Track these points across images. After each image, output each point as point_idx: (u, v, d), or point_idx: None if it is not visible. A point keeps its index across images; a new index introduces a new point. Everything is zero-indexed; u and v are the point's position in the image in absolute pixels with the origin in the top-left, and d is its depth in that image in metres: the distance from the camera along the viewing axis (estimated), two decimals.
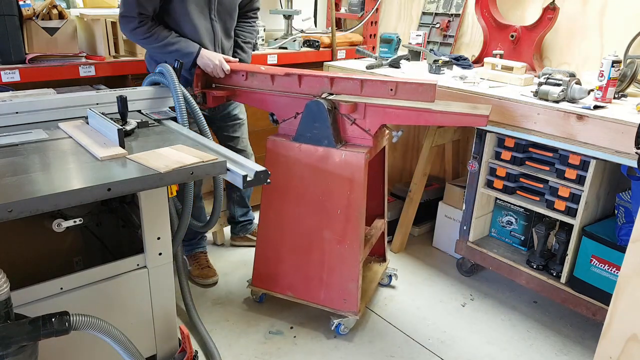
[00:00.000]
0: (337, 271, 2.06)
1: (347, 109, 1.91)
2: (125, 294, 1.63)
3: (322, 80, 1.94)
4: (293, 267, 2.15)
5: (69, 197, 1.13)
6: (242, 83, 2.09)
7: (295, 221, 2.08)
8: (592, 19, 2.37)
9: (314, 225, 2.05)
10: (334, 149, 1.92)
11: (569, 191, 2.09)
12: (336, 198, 1.97)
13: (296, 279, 2.16)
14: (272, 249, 2.17)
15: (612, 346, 1.53)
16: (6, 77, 2.13)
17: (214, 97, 2.11)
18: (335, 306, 2.11)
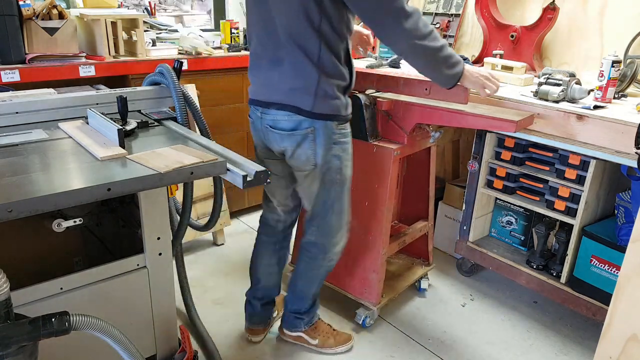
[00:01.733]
0: (360, 261, 2.15)
1: (385, 105, 1.99)
2: (125, 294, 1.63)
3: (366, 77, 2.04)
4: None
5: (69, 197, 1.13)
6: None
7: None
8: (592, 19, 2.37)
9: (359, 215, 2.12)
10: (367, 143, 2.01)
11: (569, 191, 2.09)
12: (364, 190, 2.05)
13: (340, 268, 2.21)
14: None
15: (612, 346, 1.53)
16: (6, 77, 2.13)
17: None
18: (357, 294, 2.19)
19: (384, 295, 2.20)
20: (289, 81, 1.63)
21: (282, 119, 1.67)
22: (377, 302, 2.15)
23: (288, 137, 1.68)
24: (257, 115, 1.74)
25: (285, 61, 1.62)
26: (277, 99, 1.66)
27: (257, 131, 1.79)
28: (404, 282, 2.36)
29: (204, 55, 2.67)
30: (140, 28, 2.49)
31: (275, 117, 1.68)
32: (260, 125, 1.74)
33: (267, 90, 1.69)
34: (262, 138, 1.78)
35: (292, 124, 1.66)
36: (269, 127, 1.71)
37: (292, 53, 1.60)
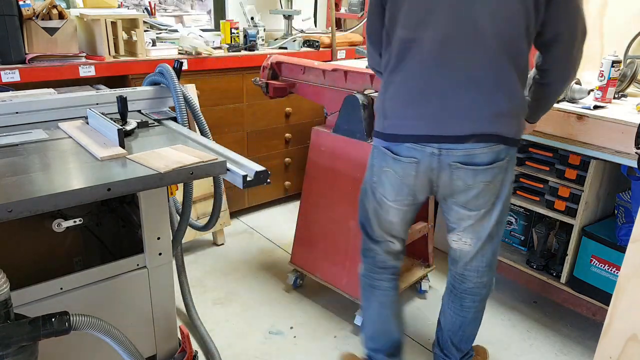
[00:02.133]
0: (357, 260, 2.07)
1: None
2: (125, 294, 1.63)
3: (364, 77, 2.01)
4: (323, 250, 2.26)
5: (69, 197, 1.13)
6: (300, 77, 2.19)
7: (329, 208, 2.19)
8: (592, 19, 2.37)
9: (343, 213, 2.13)
10: (365, 143, 1.99)
11: (569, 191, 2.09)
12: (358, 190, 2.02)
13: (325, 262, 2.26)
14: (308, 232, 2.31)
15: (612, 346, 1.53)
16: (6, 77, 2.13)
17: (275, 88, 2.22)
18: (354, 294, 2.16)
19: None
20: (493, 105, 1.34)
21: (480, 152, 1.37)
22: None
23: (483, 172, 1.40)
24: (429, 153, 1.40)
25: (488, 80, 1.33)
26: (474, 129, 1.35)
27: (421, 174, 1.45)
28: (402, 284, 2.33)
29: (204, 55, 2.68)
30: (140, 28, 2.49)
31: (471, 151, 1.37)
32: (436, 164, 1.41)
33: (455, 121, 1.35)
34: (426, 180, 1.47)
35: (492, 156, 1.38)
36: (457, 165, 1.39)
37: (501, 68, 1.32)
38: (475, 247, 1.57)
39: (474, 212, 1.49)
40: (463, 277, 1.67)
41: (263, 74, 2.26)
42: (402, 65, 1.39)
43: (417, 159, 1.43)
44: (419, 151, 1.41)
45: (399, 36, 1.39)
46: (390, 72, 1.44)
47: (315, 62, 2.18)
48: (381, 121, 1.49)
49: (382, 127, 1.49)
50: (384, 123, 1.47)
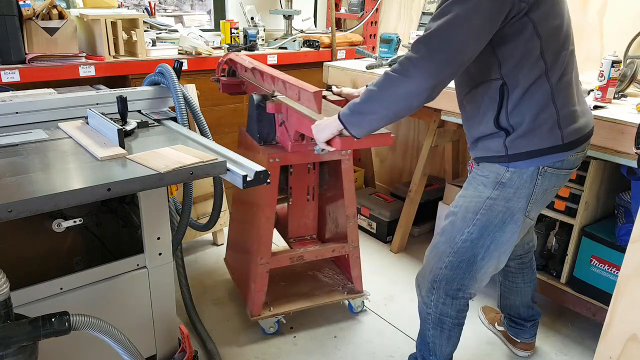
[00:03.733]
0: (247, 269, 2.12)
1: (271, 108, 1.82)
2: (125, 294, 1.63)
3: (270, 78, 1.83)
4: (238, 260, 2.30)
5: (69, 197, 1.13)
6: (244, 75, 2.15)
7: (241, 214, 2.21)
8: (592, 19, 2.37)
9: (247, 221, 2.12)
10: (258, 146, 1.93)
11: (568, 191, 2.09)
12: (254, 197, 2.01)
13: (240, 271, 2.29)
14: (233, 232, 2.35)
15: (612, 346, 1.53)
16: (6, 77, 2.13)
17: (224, 84, 2.20)
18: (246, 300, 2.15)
19: (273, 308, 2.10)
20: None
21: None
22: (257, 313, 2.06)
23: None
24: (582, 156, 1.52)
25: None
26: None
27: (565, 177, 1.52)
28: (307, 302, 2.16)
29: (204, 55, 2.68)
30: (140, 28, 2.49)
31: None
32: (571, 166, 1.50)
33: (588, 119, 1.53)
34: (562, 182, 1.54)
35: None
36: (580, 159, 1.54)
37: None
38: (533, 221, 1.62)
39: None
40: (528, 248, 1.91)
41: (218, 70, 2.24)
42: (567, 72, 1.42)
43: (577, 165, 1.51)
44: (581, 156, 1.50)
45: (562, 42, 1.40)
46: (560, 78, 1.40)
47: (246, 60, 2.08)
48: (558, 133, 1.41)
49: (560, 139, 1.41)
50: (563, 133, 1.41)
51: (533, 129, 1.39)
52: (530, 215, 1.53)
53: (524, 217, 1.50)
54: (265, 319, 2.09)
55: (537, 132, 1.40)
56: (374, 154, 3.57)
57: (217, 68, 2.23)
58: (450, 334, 1.69)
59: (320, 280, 2.33)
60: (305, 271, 2.37)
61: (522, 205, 1.48)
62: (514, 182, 1.46)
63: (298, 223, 2.25)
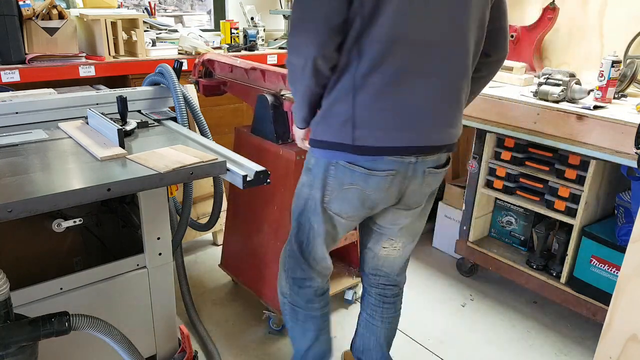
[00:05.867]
0: (270, 267, 2.06)
1: (288, 106, 1.85)
2: (125, 294, 1.63)
3: (278, 76, 1.86)
4: (246, 255, 2.22)
5: (69, 197, 1.13)
6: (229, 75, 2.13)
7: (248, 211, 2.14)
8: (592, 19, 2.37)
9: (259, 217, 2.09)
10: (275, 145, 1.91)
11: (568, 191, 2.09)
12: (273, 194, 1.98)
13: (248, 267, 2.23)
14: (234, 235, 2.27)
15: (612, 346, 1.53)
16: (6, 77, 2.13)
17: (204, 85, 2.16)
18: (267, 300, 2.12)
19: None
20: (459, 116, 1.37)
21: (444, 156, 1.42)
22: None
23: (441, 174, 1.44)
24: (407, 163, 1.32)
25: (461, 91, 1.32)
26: (449, 139, 1.36)
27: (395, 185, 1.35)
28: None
29: None
30: (140, 28, 2.49)
31: (440, 157, 1.40)
32: (411, 172, 1.34)
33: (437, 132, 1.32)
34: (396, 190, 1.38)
35: (445, 158, 1.44)
36: (429, 170, 1.38)
37: (468, 78, 1.34)
38: (404, 250, 1.59)
39: (412, 211, 1.47)
40: (394, 282, 1.67)
41: (194, 72, 2.21)
42: (387, 67, 1.22)
43: (396, 170, 1.32)
44: (398, 163, 1.31)
45: (381, 35, 1.19)
46: (365, 75, 1.23)
47: (237, 60, 2.10)
48: (348, 131, 1.27)
49: (351, 139, 1.27)
50: (353, 134, 1.27)
51: (326, 117, 1.31)
52: (331, 209, 1.41)
53: (324, 208, 1.42)
54: None
55: (329, 122, 1.30)
56: None
57: (194, 69, 2.20)
58: (305, 327, 1.62)
59: None
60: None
61: (319, 196, 1.40)
62: (314, 169, 1.39)
63: None
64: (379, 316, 1.69)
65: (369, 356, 1.74)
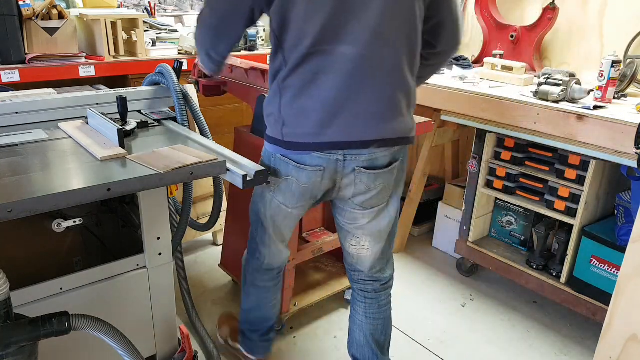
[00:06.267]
0: None
1: None
2: (125, 294, 1.62)
3: None
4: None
5: (69, 197, 1.13)
6: (229, 75, 2.13)
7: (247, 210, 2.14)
8: (592, 19, 2.37)
9: None
10: None
11: (568, 191, 2.09)
12: None
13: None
14: (234, 235, 2.26)
15: (612, 346, 1.53)
16: (6, 77, 2.13)
17: (204, 85, 2.16)
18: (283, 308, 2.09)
19: (297, 303, 2.12)
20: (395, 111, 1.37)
21: (381, 156, 1.40)
22: (286, 310, 2.07)
23: (382, 174, 1.43)
24: (334, 160, 1.38)
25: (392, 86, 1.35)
26: (378, 134, 1.37)
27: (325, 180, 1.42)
28: (323, 292, 2.22)
29: None
30: (140, 28, 2.49)
31: (373, 156, 1.39)
32: (341, 169, 1.40)
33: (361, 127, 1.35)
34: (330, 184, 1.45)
35: (390, 158, 1.43)
36: (360, 169, 1.40)
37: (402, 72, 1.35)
38: (374, 250, 1.59)
39: (368, 211, 1.50)
40: (372, 277, 1.68)
41: (194, 72, 2.20)
42: (302, 70, 1.31)
43: (323, 166, 1.39)
44: (324, 159, 1.38)
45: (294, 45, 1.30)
46: (285, 78, 1.34)
47: (238, 61, 2.11)
48: (279, 128, 1.38)
49: (280, 135, 1.39)
50: (282, 130, 1.38)
51: (266, 116, 1.45)
52: (277, 198, 1.50)
53: (272, 197, 1.51)
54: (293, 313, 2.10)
55: (268, 120, 1.43)
56: None
57: (194, 69, 2.20)
58: (249, 291, 1.78)
59: (325, 271, 2.38)
60: (307, 265, 2.40)
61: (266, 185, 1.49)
62: (265, 160, 1.51)
63: (310, 217, 2.27)
64: (362, 311, 1.72)
65: (361, 353, 1.76)
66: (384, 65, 1.32)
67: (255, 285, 1.76)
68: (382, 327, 1.73)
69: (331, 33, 1.27)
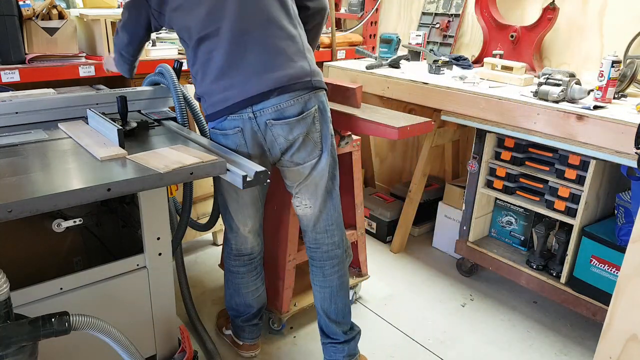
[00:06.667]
0: (269, 268, 2.06)
1: None
2: (125, 294, 1.62)
3: None
4: None
5: (69, 197, 1.13)
6: None
7: None
8: (592, 19, 2.37)
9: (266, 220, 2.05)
10: None
11: (568, 191, 2.10)
12: (272, 194, 1.97)
13: None
14: None
15: (612, 346, 1.53)
16: (6, 77, 2.13)
17: None
18: (268, 301, 2.10)
19: (297, 303, 2.13)
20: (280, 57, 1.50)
21: (288, 105, 1.49)
22: (286, 310, 2.07)
23: (296, 124, 1.52)
24: (248, 119, 1.50)
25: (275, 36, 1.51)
26: (274, 83, 1.48)
27: (249, 140, 1.53)
28: None
29: None
30: None
31: (279, 106, 1.49)
32: (256, 126, 1.51)
33: (256, 80, 1.48)
34: (257, 145, 1.55)
35: (300, 107, 1.51)
36: (271, 122, 1.50)
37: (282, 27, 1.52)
38: (316, 208, 1.69)
39: (301, 166, 1.61)
40: (316, 242, 1.77)
41: None
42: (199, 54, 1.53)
43: (240, 127, 1.52)
44: (238, 120, 1.51)
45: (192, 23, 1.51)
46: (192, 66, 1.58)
47: None
48: (204, 106, 1.58)
49: (205, 111, 1.58)
50: (205, 106, 1.57)
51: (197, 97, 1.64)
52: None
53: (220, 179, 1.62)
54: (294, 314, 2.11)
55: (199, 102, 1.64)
56: (374, 154, 3.57)
57: None
58: (226, 277, 1.92)
59: None
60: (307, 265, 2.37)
61: None
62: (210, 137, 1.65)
63: None
64: (313, 278, 1.84)
65: (319, 320, 1.88)
66: (257, 22, 1.49)
67: (229, 271, 1.89)
68: (329, 296, 1.81)
69: (213, 17, 1.49)
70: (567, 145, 1.94)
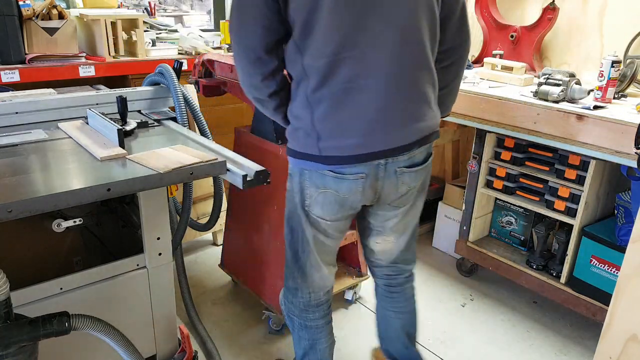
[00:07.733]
0: (269, 267, 2.06)
1: None
2: (125, 294, 1.63)
3: None
4: (246, 255, 2.22)
5: (69, 197, 1.13)
6: (229, 75, 2.12)
7: (248, 211, 2.14)
8: (592, 19, 2.37)
9: (259, 217, 2.08)
10: (276, 145, 1.90)
11: (568, 191, 2.09)
12: (273, 194, 1.97)
13: (248, 267, 2.23)
14: (234, 235, 2.27)
15: (612, 346, 1.53)
16: (6, 77, 2.13)
17: (204, 86, 2.15)
18: (267, 300, 2.11)
19: None
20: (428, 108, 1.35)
21: (419, 153, 1.37)
22: None
23: (421, 170, 1.40)
24: (376, 165, 1.31)
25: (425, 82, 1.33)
26: (418, 135, 1.33)
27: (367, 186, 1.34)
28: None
29: None
30: (140, 28, 2.49)
31: (412, 154, 1.35)
32: (383, 173, 1.33)
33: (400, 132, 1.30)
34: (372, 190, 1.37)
35: (426, 153, 1.40)
36: (402, 169, 1.35)
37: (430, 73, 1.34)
38: (397, 243, 1.55)
39: (400, 209, 1.46)
40: (397, 269, 1.63)
41: (194, 72, 2.20)
42: (329, 82, 1.24)
43: (365, 173, 1.32)
44: (368, 166, 1.31)
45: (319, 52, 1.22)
46: (315, 90, 1.26)
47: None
48: (313, 142, 1.30)
49: (316, 149, 1.30)
50: (318, 145, 1.29)
51: (294, 129, 1.35)
52: (313, 212, 1.41)
53: (306, 212, 1.42)
54: None
55: (297, 133, 1.34)
56: None
57: (194, 70, 2.20)
58: (300, 335, 1.63)
59: None
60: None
61: (299, 199, 1.42)
62: (293, 174, 1.44)
63: None
64: (391, 307, 1.69)
65: (393, 347, 1.75)
66: (415, 62, 1.28)
67: (305, 327, 1.61)
68: (411, 320, 1.71)
69: (358, 36, 1.20)
70: (567, 145, 1.94)
